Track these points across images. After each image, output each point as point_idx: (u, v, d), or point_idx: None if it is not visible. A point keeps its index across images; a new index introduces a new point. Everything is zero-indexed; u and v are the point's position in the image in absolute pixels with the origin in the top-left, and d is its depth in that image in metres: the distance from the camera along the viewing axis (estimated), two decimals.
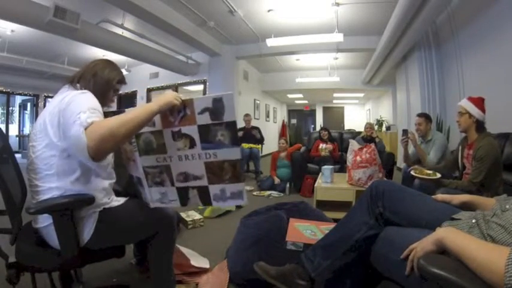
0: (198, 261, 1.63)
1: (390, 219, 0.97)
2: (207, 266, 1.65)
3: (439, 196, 1.02)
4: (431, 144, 2.70)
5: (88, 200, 0.96)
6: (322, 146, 4.25)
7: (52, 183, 0.94)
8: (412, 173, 2.23)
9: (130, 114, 0.90)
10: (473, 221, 0.81)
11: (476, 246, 0.65)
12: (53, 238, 0.96)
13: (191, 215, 2.58)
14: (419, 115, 2.88)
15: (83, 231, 0.98)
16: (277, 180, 3.98)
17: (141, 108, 0.93)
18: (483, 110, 1.85)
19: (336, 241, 1.04)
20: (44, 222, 0.97)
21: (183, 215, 2.53)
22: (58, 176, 0.94)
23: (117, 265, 1.60)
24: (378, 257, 0.95)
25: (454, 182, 1.87)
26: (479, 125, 1.85)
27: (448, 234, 0.71)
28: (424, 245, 0.74)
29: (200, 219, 2.53)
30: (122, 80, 1.18)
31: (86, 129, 0.83)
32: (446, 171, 2.18)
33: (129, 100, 8.05)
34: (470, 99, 1.91)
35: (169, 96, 0.96)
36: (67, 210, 0.93)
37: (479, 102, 1.87)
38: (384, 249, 0.92)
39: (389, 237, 0.93)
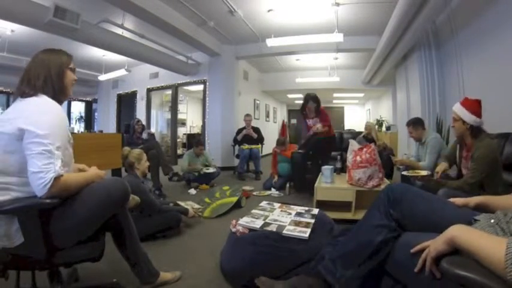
0: None
1: (408, 227, 0.94)
2: None
3: (455, 200, 0.99)
4: (425, 147, 2.73)
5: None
6: (310, 122, 3.64)
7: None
8: (404, 173, 2.30)
9: (83, 178, 1.12)
10: (492, 220, 0.80)
11: (482, 240, 0.65)
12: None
13: (190, 204, 2.60)
14: (407, 124, 2.96)
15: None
16: (276, 179, 3.98)
17: (90, 175, 1.17)
18: (478, 114, 1.76)
19: (356, 248, 0.99)
20: None
21: (181, 203, 2.54)
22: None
23: (117, 265, 1.60)
24: (398, 265, 0.90)
25: (449, 181, 1.87)
26: (474, 131, 1.78)
27: (458, 232, 0.70)
28: (436, 245, 0.73)
29: (199, 208, 2.58)
30: (70, 58, 1.23)
31: (56, 177, 0.96)
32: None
33: (129, 100, 8.05)
34: (465, 103, 1.83)
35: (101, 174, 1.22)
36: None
37: (474, 106, 1.78)
38: (404, 256, 0.86)
39: (409, 244, 0.86)
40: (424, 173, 2.21)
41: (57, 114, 1.06)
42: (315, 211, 1.86)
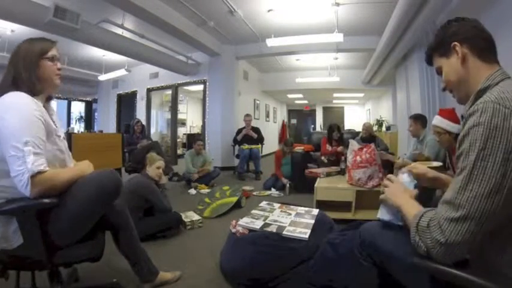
0: None
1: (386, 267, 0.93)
2: None
3: (414, 166, 1.04)
4: (424, 146, 2.74)
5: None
6: (328, 147, 4.10)
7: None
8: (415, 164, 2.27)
9: (71, 172, 1.07)
10: None
11: (409, 210, 0.79)
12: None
13: (189, 215, 2.58)
14: (410, 117, 3.04)
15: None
16: (285, 181, 3.96)
17: (76, 171, 1.10)
18: (459, 121, 1.83)
19: None
20: None
21: (181, 215, 2.54)
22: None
23: (117, 265, 1.60)
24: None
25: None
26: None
27: (402, 202, 0.85)
28: (391, 201, 0.88)
29: (199, 220, 2.53)
30: (47, 46, 1.10)
31: (32, 176, 0.91)
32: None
33: (129, 100, 8.06)
34: (443, 114, 1.89)
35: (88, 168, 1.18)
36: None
37: (452, 115, 1.86)
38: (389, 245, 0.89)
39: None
40: (434, 164, 2.00)
41: (20, 108, 0.96)
42: (315, 211, 1.86)
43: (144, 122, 5.95)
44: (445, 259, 0.66)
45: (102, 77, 7.01)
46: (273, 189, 3.96)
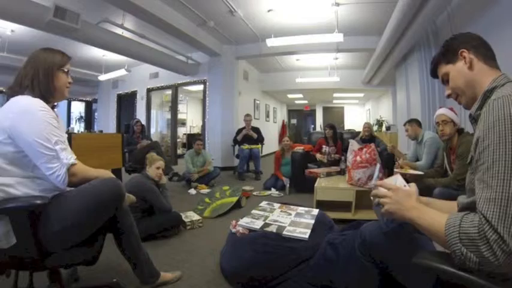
0: None
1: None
2: None
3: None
4: (423, 146, 2.75)
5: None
6: (325, 149, 4.12)
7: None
8: (396, 170, 2.40)
9: (98, 174, 1.16)
10: None
11: (431, 221, 0.70)
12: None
13: (190, 215, 2.58)
14: (404, 124, 3.15)
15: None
16: (285, 180, 3.96)
17: (102, 174, 1.19)
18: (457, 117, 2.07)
19: None
20: None
21: (181, 215, 2.54)
22: None
23: (117, 265, 1.60)
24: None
25: (438, 180, 1.95)
26: (459, 130, 2.04)
27: (416, 215, 0.74)
28: (396, 215, 0.77)
29: (199, 220, 2.53)
30: (65, 60, 1.18)
31: (68, 169, 1.03)
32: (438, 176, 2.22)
33: (129, 100, 8.06)
34: (448, 108, 2.09)
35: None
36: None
37: (453, 110, 2.08)
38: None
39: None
40: (412, 171, 2.34)
41: (41, 111, 1.02)
42: (315, 211, 1.86)
43: (144, 122, 5.95)
44: (509, 270, 0.57)
45: (102, 77, 7.01)
46: (273, 189, 3.96)
